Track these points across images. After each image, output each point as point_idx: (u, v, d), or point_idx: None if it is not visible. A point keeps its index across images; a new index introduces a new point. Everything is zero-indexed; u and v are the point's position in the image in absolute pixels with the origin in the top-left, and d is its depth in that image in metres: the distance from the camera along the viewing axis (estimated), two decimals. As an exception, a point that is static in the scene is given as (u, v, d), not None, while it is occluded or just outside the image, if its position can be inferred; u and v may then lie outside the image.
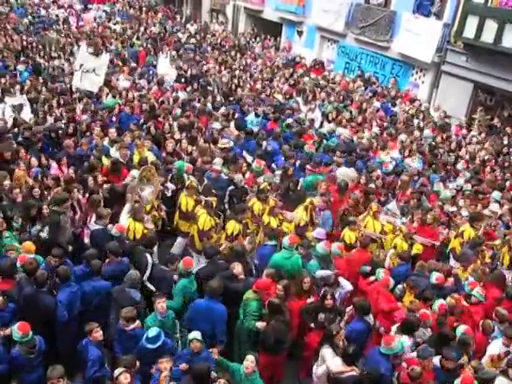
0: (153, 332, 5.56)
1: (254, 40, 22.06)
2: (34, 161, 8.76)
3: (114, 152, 9.56)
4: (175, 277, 6.84)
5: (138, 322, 5.86)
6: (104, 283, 6.45)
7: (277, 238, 7.65)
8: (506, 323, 6.34)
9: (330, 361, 5.75)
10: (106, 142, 9.89)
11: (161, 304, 5.98)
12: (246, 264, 7.19)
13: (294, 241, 7.25)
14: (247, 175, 9.50)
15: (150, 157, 9.34)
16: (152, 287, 6.75)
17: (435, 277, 7.08)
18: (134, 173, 8.50)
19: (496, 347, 5.99)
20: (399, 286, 6.86)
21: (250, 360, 5.36)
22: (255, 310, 6.38)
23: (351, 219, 8.17)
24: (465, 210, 9.06)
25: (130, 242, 7.39)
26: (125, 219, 7.73)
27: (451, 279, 7.27)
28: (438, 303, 6.52)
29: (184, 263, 6.66)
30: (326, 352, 5.86)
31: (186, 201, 8.39)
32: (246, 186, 9.07)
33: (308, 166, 9.66)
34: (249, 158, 10.37)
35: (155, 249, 7.49)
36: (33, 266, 6.14)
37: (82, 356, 5.62)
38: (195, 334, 5.65)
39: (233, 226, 7.86)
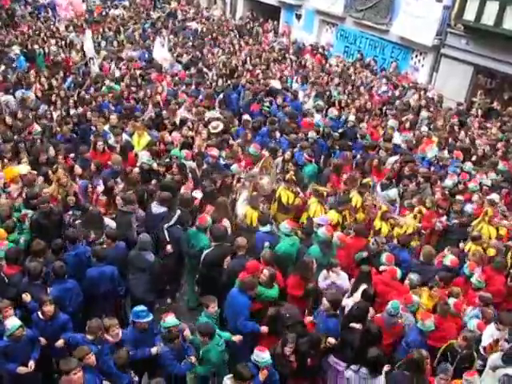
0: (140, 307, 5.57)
1: (252, 24, 21.76)
2: (77, 168, 8.36)
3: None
4: None
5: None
6: (110, 267, 6.34)
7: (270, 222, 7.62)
8: (489, 306, 6.34)
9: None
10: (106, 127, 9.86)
11: (215, 308, 5.85)
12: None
13: (292, 225, 7.20)
14: (243, 163, 9.27)
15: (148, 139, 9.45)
16: (170, 250, 7.04)
17: (449, 259, 7.10)
18: (143, 156, 8.55)
19: (490, 331, 5.96)
20: (414, 276, 6.65)
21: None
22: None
23: (476, 234, 7.86)
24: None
25: None
26: (241, 206, 7.89)
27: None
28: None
29: (199, 220, 7.12)
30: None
31: (285, 194, 8.35)
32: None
33: (305, 155, 9.41)
34: None
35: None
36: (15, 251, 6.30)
37: None
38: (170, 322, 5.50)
39: (332, 215, 7.92)
